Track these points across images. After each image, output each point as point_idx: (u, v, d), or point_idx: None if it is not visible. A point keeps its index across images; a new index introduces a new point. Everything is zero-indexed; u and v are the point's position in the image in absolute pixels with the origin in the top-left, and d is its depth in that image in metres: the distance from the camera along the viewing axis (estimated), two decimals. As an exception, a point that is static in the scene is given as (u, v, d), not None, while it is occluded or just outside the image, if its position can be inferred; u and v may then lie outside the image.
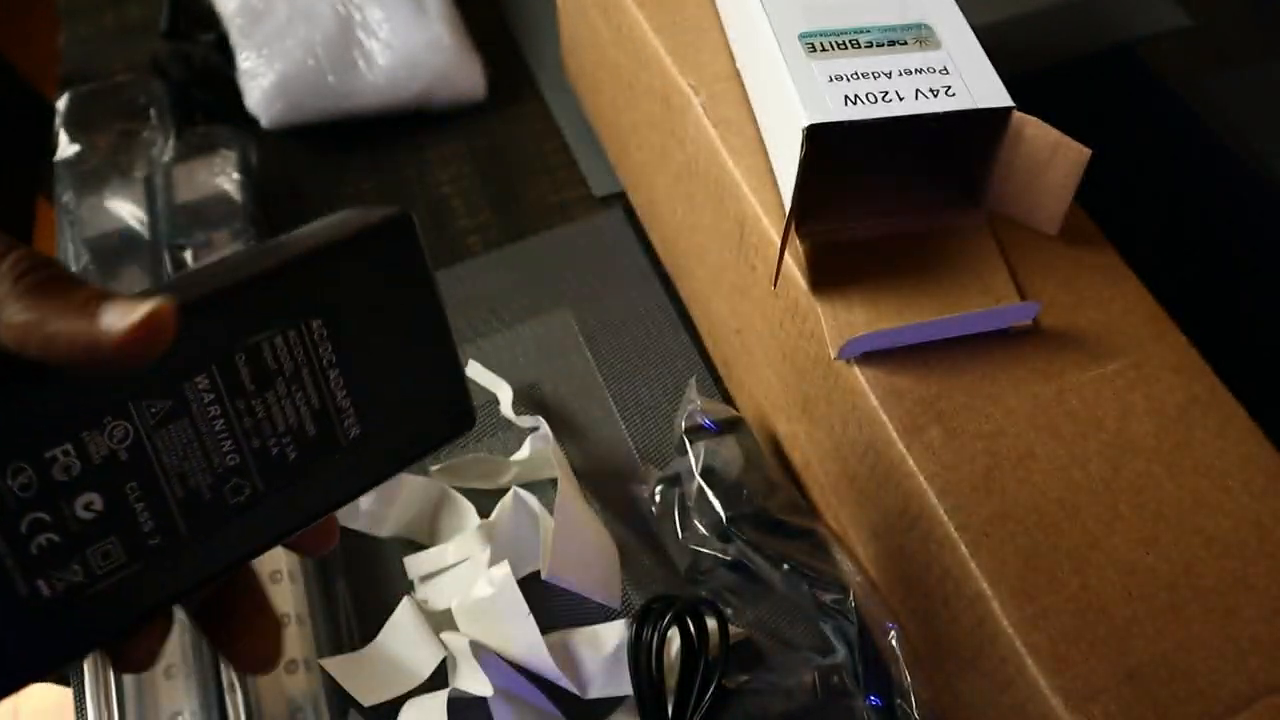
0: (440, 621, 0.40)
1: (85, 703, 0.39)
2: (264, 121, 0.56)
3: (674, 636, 0.36)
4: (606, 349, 0.50)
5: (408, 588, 0.42)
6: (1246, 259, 0.53)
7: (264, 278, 0.23)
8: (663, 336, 0.50)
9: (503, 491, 0.42)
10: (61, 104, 0.56)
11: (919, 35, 0.34)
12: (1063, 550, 0.30)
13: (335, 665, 0.38)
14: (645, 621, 0.36)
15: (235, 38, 0.57)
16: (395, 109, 0.57)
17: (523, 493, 0.40)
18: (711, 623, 0.36)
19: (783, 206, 0.35)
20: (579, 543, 0.39)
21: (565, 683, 0.37)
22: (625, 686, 0.37)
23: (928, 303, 0.33)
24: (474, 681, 0.36)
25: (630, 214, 0.55)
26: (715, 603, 0.38)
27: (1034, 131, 0.32)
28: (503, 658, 0.38)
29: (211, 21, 0.61)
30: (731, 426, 0.41)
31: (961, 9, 0.35)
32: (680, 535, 0.41)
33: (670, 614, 0.35)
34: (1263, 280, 0.52)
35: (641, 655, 0.36)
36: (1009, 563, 0.29)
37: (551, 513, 0.39)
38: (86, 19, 0.66)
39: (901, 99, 0.32)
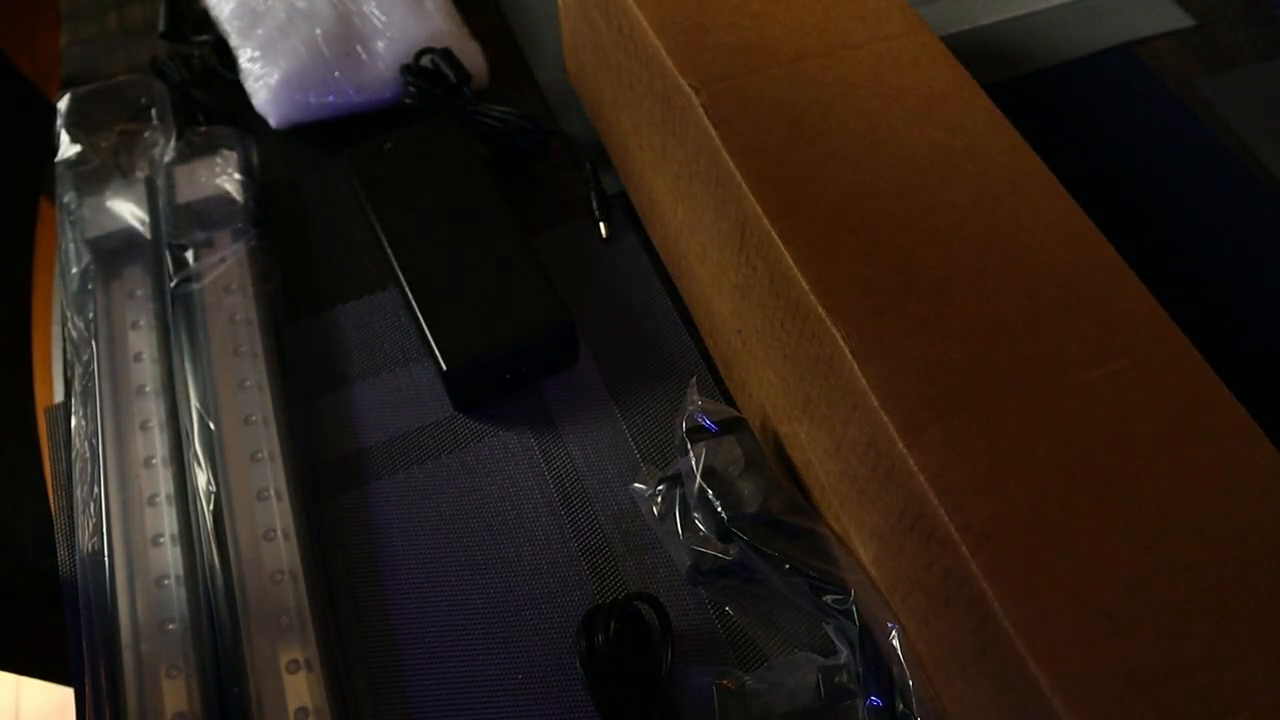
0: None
1: (85, 703, 0.39)
2: (273, 121, 0.56)
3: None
4: (607, 349, 0.50)
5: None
6: (1246, 259, 0.53)
7: None
8: (663, 336, 0.50)
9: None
10: (62, 105, 0.56)
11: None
12: (1063, 550, 0.30)
13: None
14: (593, 630, 0.37)
15: (234, 39, 0.57)
16: (400, 100, 0.57)
17: None
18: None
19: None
20: None
21: None
22: None
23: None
24: None
25: (631, 214, 0.55)
26: (652, 595, 0.38)
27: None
28: None
29: (208, 23, 0.61)
30: (732, 427, 0.41)
31: (963, 10, 0.35)
32: (681, 536, 0.41)
33: (614, 614, 0.38)
34: (1263, 280, 0.52)
35: (598, 662, 0.38)
36: (1009, 563, 0.29)
37: None
38: (89, 20, 0.66)
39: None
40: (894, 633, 0.36)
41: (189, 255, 0.50)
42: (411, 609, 0.42)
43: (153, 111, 0.56)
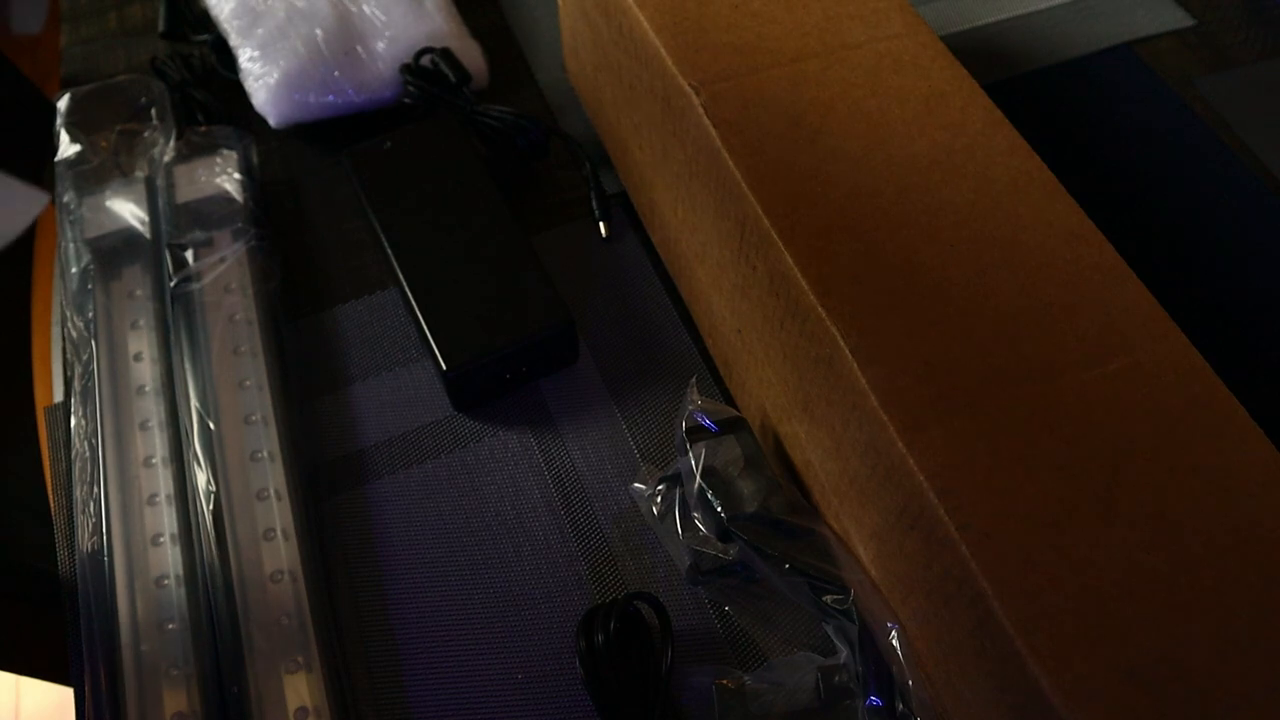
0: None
1: (85, 703, 0.39)
2: (273, 120, 0.56)
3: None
4: (607, 349, 0.50)
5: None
6: (1246, 259, 0.53)
7: None
8: (663, 336, 0.50)
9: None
10: (62, 104, 0.56)
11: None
12: (1063, 550, 0.30)
13: None
14: (592, 629, 0.37)
15: (234, 39, 0.57)
16: (400, 99, 0.57)
17: None
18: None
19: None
20: None
21: None
22: None
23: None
24: None
25: (631, 214, 0.55)
26: (652, 595, 0.39)
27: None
28: None
29: (207, 23, 0.61)
30: (732, 426, 0.41)
31: (963, 10, 0.35)
32: (681, 535, 0.41)
33: (614, 614, 0.38)
34: (1263, 280, 0.52)
35: (598, 661, 0.38)
36: (1009, 563, 0.29)
37: None
38: (89, 20, 0.66)
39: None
40: (894, 632, 0.36)
41: (189, 255, 0.50)
42: (411, 609, 0.42)
43: (152, 111, 0.56)
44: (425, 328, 0.45)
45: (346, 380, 0.49)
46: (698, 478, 0.39)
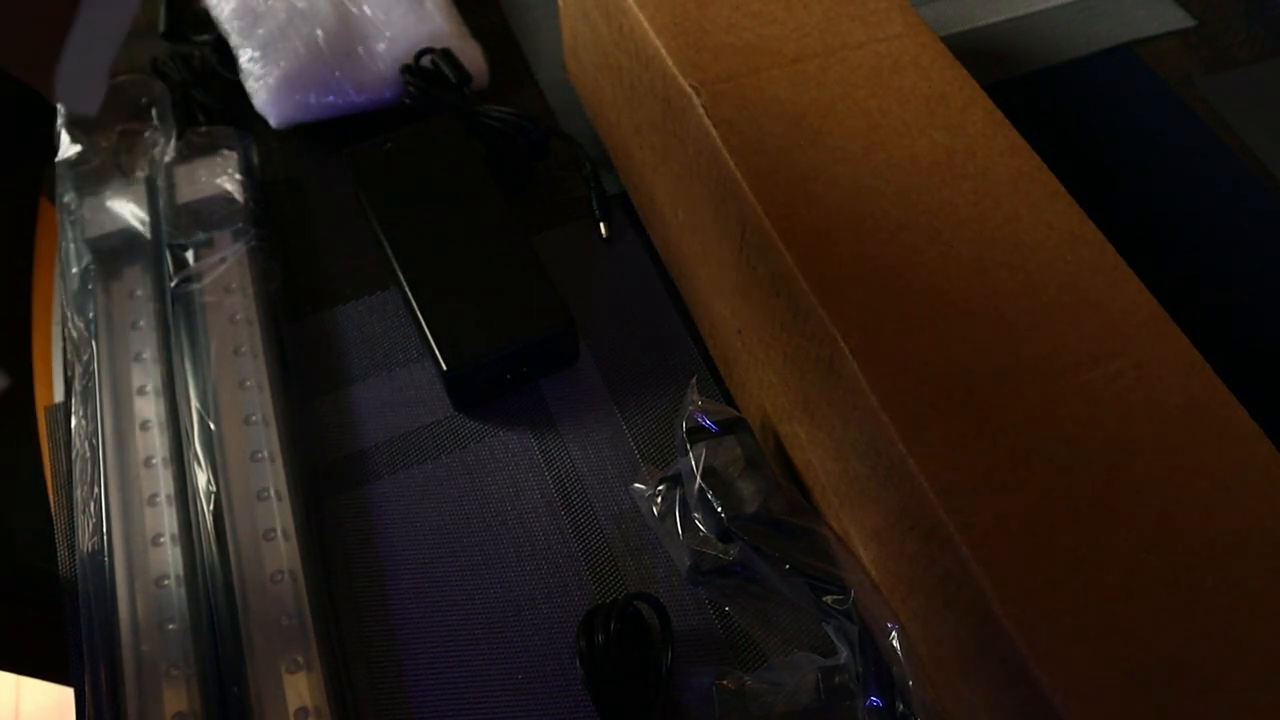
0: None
1: (85, 703, 0.39)
2: (273, 120, 0.56)
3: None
4: (607, 349, 0.50)
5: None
6: (1247, 259, 0.53)
7: None
8: (663, 336, 0.50)
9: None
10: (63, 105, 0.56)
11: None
12: (1063, 550, 0.30)
13: None
14: (593, 629, 0.37)
15: (235, 39, 0.57)
16: (400, 99, 0.57)
17: None
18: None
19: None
20: None
21: None
22: None
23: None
24: None
25: (631, 214, 0.55)
26: (652, 595, 0.39)
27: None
28: None
29: (208, 23, 0.61)
30: (732, 427, 0.41)
31: (963, 10, 0.35)
32: (681, 536, 0.41)
33: (614, 614, 0.38)
34: (1263, 279, 0.52)
35: (598, 662, 0.38)
36: (1010, 563, 0.29)
37: None
38: (88, 19, 0.66)
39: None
40: (894, 633, 0.36)
41: (189, 255, 0.50)
42: (411, 609, 0.42)
43: (153, 111, 0.56)
44: (425, 328, 0.45)
45: (346, 380, 0.49)
46: (698, 478, 0.39)
